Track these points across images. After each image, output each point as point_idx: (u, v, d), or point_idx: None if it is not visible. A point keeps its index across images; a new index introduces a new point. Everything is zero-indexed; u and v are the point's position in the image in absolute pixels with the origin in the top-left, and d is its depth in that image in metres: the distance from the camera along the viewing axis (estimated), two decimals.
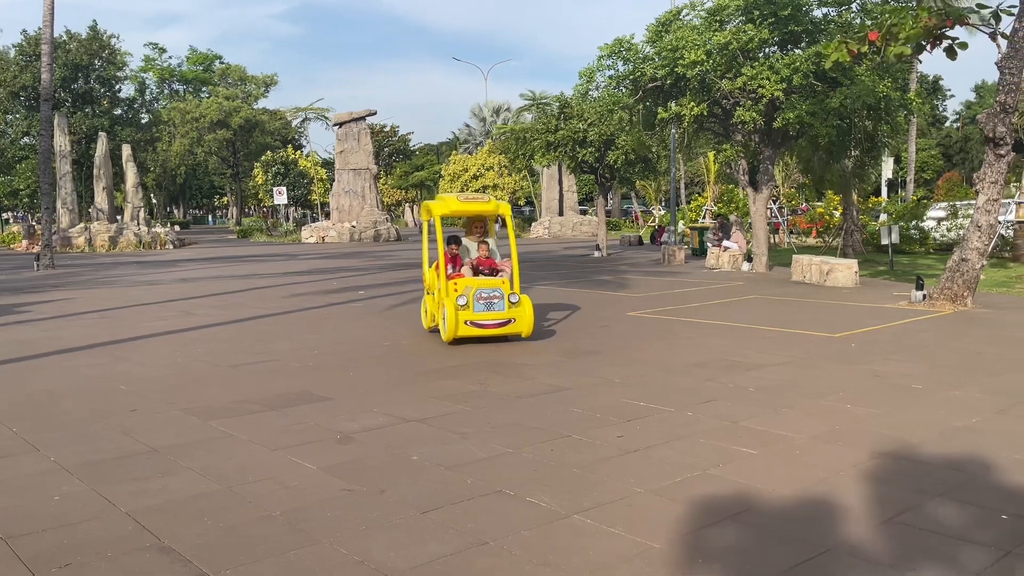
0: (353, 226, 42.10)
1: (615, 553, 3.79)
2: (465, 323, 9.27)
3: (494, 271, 10.19)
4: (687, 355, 8.81)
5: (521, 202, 55.28)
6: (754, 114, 17.06)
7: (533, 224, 47.83)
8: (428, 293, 10.53)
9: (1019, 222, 21.06)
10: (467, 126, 73.38)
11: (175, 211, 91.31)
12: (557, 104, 26.73)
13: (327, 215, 49.88)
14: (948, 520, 4.13)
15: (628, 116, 19.62)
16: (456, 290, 9.45)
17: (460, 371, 8.06)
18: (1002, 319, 11.15)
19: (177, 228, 47.57)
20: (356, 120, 43.74)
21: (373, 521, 4.21)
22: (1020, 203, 21.15)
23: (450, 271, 10.01)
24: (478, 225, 10.72)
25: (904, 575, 3.52)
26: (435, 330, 10.17)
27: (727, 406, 6.51)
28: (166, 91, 78.50)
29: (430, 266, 10.49)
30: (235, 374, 8.19)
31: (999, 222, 14.69)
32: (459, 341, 9.48)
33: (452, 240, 10.36)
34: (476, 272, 10.11)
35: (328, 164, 60.45)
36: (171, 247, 37.85)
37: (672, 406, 6.51)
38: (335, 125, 44.76)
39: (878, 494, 4.51)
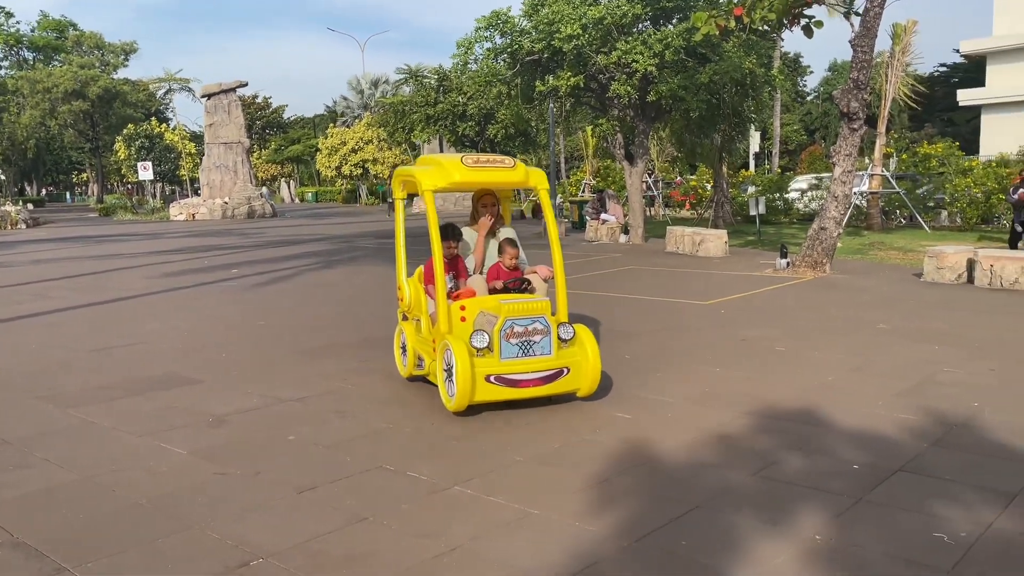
0: (225, 202, 40.48)
1: (496, 521, 3.82)
2: (488, 380, 5.36)
3: (521, 285, 6.13)
4: None
5: None
6: (628, 88, 17.42)
7: (415, 198, 47.42)
8: (406, 319, 6.65)
9: (872, 192, 22.48)
10: (344, 99, 71.54)
11: (28, 188, 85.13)
12: (436, 77, 26.49)
13: (197, 191, 47.77)
14: (808, 472, 4.38)
15: (507, 90, 19.66)
16: (465, 318, 5.71)
17: (338, 349, 7.91)
18: (857, 283, 11.90)
19: (30, 206, 44.33)
20: (226, 92, 41.89)
21: (248, 504, 4.08)
22: (873, 175, 22.55)
23: (448, 284, 5.99)
24: (488, 206, 6.60)
25: (768, 525, 3.71)
26: (420, 379, 6.39)
27: (604, 373, 6.66)
28: (12, 59, 72.73)
29: (411, 274, 6.64)
30: (97, 359, 7.74)
31: (854, 193, 15.61)
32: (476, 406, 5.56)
33: (449, 231, 6.27)
34: (493, 286, 6.15)
35: (197, 138, 57.75)
36: (23, 227, 35.30)
37: None
38: (203, 97, 42.71)
39: (745, 450, 4.74)
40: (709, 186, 28.33)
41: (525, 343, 5.54)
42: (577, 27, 16.99)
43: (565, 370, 5.59)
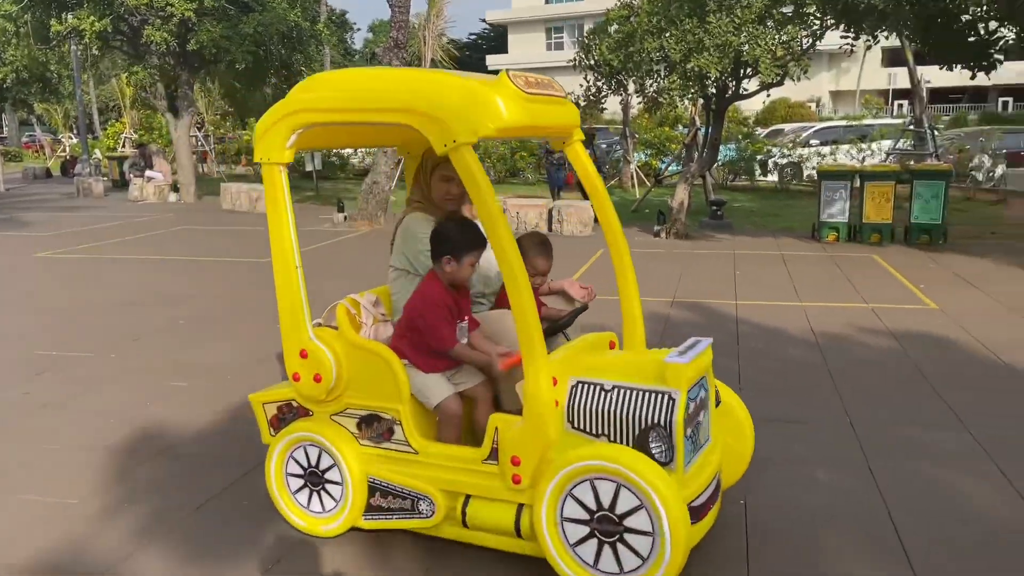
0: None
1: (26, 520, 3.37)
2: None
3: (573, 318, 3.56)
4: (112, 293, 8.13)
5: None
6: (165, 35, 16.11)
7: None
8: (306, 413, 3.39)
9: None
10: None
11: None
12: None
13: None
14: None
15: (14, 27, 16.87)
16: (558, 403, 2.93)
17: None
18: None
19: None
20: None
21: None
22: None
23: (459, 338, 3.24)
24: (452, 180, 3.44)
25: None
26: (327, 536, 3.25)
27: (157, 341, 6.24)
28: None
29: (310, 320, 3.72)
30: None
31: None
32: None
33: (471, 236, 3.22)
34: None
35: None
36: None
37: (91, 350, 5.96)
38: None
39: None
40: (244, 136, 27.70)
41: (695, 432, 2.98)
42: None
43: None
